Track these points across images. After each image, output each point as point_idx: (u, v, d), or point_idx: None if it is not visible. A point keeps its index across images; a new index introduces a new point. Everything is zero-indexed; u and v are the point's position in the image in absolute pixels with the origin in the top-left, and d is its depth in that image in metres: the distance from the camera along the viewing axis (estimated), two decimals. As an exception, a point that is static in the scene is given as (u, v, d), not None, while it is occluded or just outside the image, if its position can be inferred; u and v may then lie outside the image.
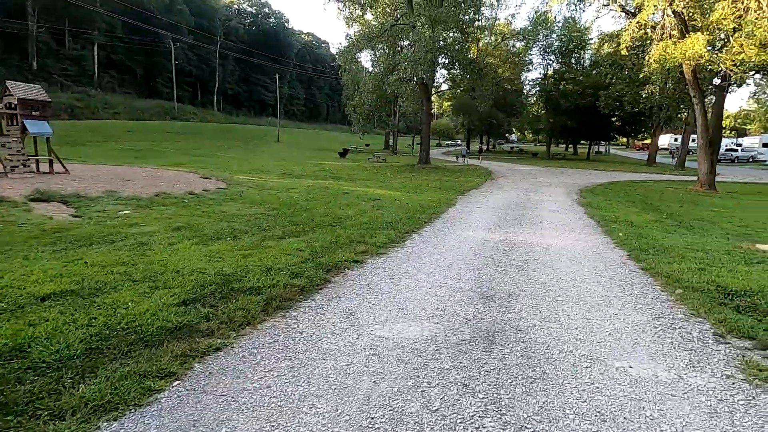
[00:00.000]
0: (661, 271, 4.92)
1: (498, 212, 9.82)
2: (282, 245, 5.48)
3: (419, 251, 5.81)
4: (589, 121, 38.39)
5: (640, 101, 36.03)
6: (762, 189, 19.38)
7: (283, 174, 18.00)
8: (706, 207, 12.89)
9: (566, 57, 40.99)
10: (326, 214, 8.41)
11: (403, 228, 7.28)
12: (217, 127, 52.82)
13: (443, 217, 8.90)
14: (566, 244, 6.58)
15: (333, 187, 13.70)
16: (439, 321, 3.36)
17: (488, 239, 6.78)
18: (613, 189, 16.60)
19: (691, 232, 8.34)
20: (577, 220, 9.10)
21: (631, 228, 8.16)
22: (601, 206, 11.39)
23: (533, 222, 8.62)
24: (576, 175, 22.91)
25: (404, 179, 18.22)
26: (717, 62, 13.66)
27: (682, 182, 21.12)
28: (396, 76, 19.93)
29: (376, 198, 11.61)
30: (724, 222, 10.27)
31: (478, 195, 13.33)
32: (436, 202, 11.18)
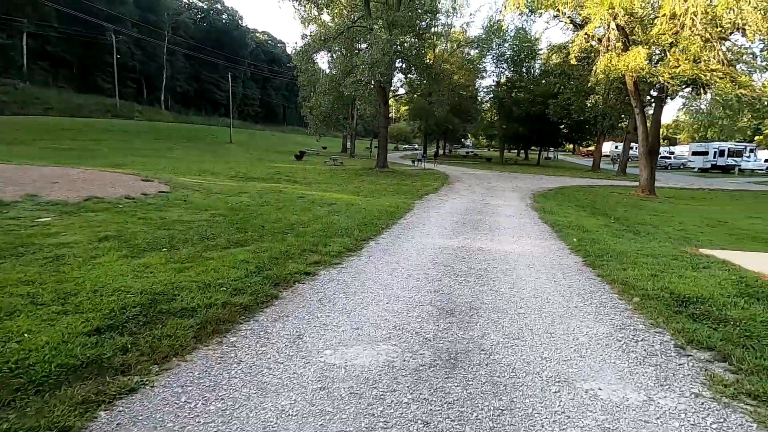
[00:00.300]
0: (617, 278, 4.92)
1: (456, 217, 9.74)
2: (225, 256, 4.98)
3: (376, 260, 5.50)
4: (540, 128, 39.95)
5: (585, 110, 38.03)
6: (694, 194, 20.86)
7: (234, 177, 17.13)
8: (648, 211, 13.56)
9: (518, 66, 42.50)
10: (278, 221, 7.92)
11: (359, 235, 6.95)
12: (165, 127, 50.02)
13: (401, 223, 8.67)
14: (524, 251, 6.53)
15: (287, 191, 13.14)
16: (397, 342, 3.05)
17: (447, 246, 6.60)
18: (564, 194, 17.17)
19: (638, 236, 8.63)
20: (533, 225, 9.18)
21: (583, 233, 8.31)
22: (554, 211, 11.65)
23: (491, 227, 8.58)
24: (528, 180, 23.61)
25: (362, 183, 17.91)
26: (656, 75, 14.48)
27: (624, 187, 22.29)
28: (353, 78, 19.61)
29: (332, 203, 11.21)
30: (666, 226, 10.79)
31: (435, 199, 13.27)
32: (394, 207, 10.95)
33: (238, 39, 77.77)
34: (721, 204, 17.47)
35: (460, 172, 27.83)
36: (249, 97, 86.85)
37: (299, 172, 21.56)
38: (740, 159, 45.33)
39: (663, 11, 12.37)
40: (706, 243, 8.85)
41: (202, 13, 76.38)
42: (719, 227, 11.43)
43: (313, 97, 24.18)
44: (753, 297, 4.29)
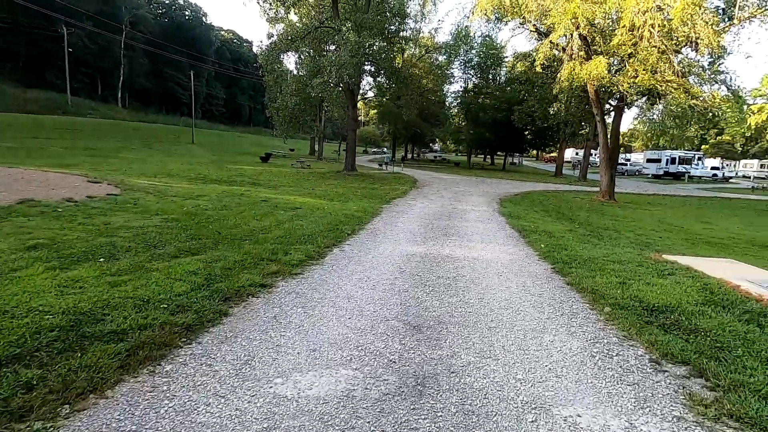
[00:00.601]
0: (587, 287, 4.82)
1: (424, 222, 9.54)
2: (172, 267, 4.50)
3: (340, 270, 5.17)
4: (505, 134, 40.79)
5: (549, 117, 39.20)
6: (650, 199, 21.75)
7: (193, 179, 16.29)
8: (610, 216, 13.92)
9: (484, 73, 43.29)
10: (237, 226, 7.43)
11: (323, 242, 6.59)
12: (121, 125, 47.56)
13: (368, 229, 8.37)
14: (493, 257, 6.38)
15: (250, 195, 12.56)
16: (359, 366, 2.74)
17: (415, 253, 6.36)
18: (529, 198, 17.42)
19: (603, 241, 8.73)
20: (501, 231, 9.12)
21: (550, 238, 8.30)
22: (521, 216, 11.70)
23: (459, 233, 8.43)
24: (495, 185, 23.91)
25: (329, 186, 17.49)
26: (616, 84, 14.94)
27: (586, 193, 22.97)
28: (320, 79, 19.18)
29: (297, 207, 10.77)
30: (627, 231, 11.04)
31: (403, 204, 13.06)
32: (361, 211, 10.64)
33: (201, 36, 75.33)
34: (675, 209, 18.27)
35: (429, 176, 27.88)
36: (214, 97, 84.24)
37: (264, 175, 20.86)
38: (689, 166, 48.06)
39: (623, 22, 12.77)
40: (665, 248, 9.07)
41: (163, 8, 73.48)
42: (676, 232, 11.84)
43: (279, 98, 23.53)
44: (719, 305, 4.28)
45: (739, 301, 4.36)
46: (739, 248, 10.15)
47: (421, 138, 53.88)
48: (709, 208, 19.72)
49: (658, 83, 14.75)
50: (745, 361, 3.10)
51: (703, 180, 46.89)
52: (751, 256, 9.37)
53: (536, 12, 16.03)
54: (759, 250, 10.12)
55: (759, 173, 58.48)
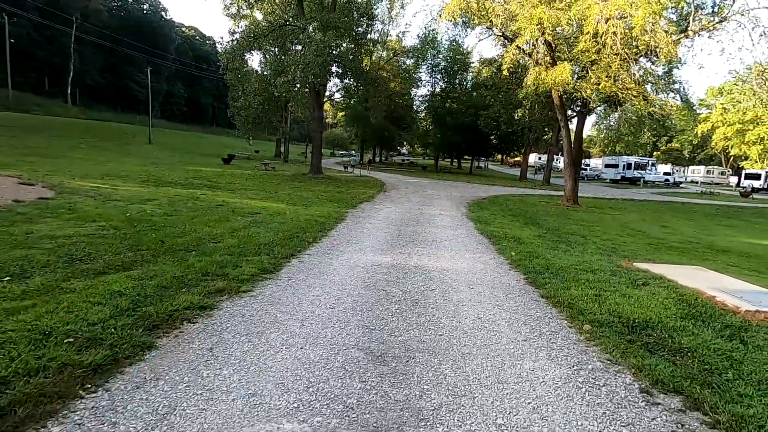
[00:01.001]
0: (563, 300, 4.52)
1: (391, 228, 9.11)
2: (94, 286, 3.83)
3: (297, 285, 4.63)
4: (472, 138, 41.23)
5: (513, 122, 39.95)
6: (611, 204, 22.30)
7: (145, 181, 15.17)
8: (575, 221, 14.01)
9: (451, 77, 43.65)
10: (184, 234, 6.72)
11: (281, 251, 6.02)
12: (70, 123, 44.57)
13: (331, 236, 7.84)
14: (463, 267, 6.02)
15: (206, 199, 11.73)
16: (307, 416, 2.24)
17: (380, 263, 5.90)
18: (496, 203, 17.38)
19: (572, 248, 8.59)
20: (470, 237, 8.82)
21: (520, 245, 8.07)
22: (489, 221, 11.50)
23: (427, 240, 8.05)
24: (462, 189, 23.89)
25: (293, 190, 16.78)
26: (580, 90, 15.14)
27: (550, 197, 23.34)
28: (284, 78, 18.44)
29: (256, 212, 10.09)
30: (593, 236, 11.05)
31: (370, 208, 12.60)
32: (325, 216, 10.09)
33: (161, 32, 72.11)
34: (635, 213, 18.77)
35: (396, 179, 27.59)
36: (174, 96, 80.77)
37: (224, 177, 19.86)
38: (644, 172, 50.35)
39: (587, 29, 12.91)
40: (631, 253, 9.07)
41: (118, 0, 69.84)
42: (639, 236, 12.00)
43: (242, 97, 22.55)
44: (698, 319, 4.06)
45: (717, 315, 4.17)
46: (699, 253, 10.35)
47: (389, 141, 53.76)
48: (665, 213, 20.42)
49: (619, 90, 15.07)
50: (738, 387, 2.84)
51: (656, 185, 49.17)
52: (711, 261, 9.55)
53: (503, 16, 16.06)
54: (718, 255, 10.35)
55: (705, 178, 62.14)
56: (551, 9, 14.09)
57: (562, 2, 14.83)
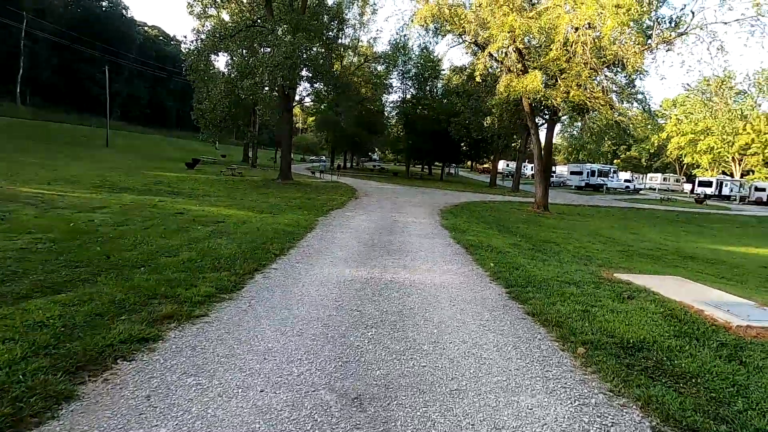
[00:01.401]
0: (550, 318, 4.21)
1: (364, 237, 8.67)
2: (10, 316, 3.18)
3: (260, 307, 4.11)
4: (443, 145, 41.46)
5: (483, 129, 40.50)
6: (579, 210, 22.76)
7: (98, 187, 14.08)
8: (548, 228, 14.02)
9: (422, 84, 43.84)
10: (135, 247, 6.04)
11: (244, 266, 5.46)
12: (19, 124, 41.76)
13: (301, 246, 7.32)
14: (442, 281, 5.65)
15: (164, 206, 10.91)
16: (265, 494, 1.76)
17: (354, 278, 5.45)
18: (469, 209, 17.27)
19: (549, 257, 8.42)
20: (446, 246, 8.50)
21: (498, 255, 7.82)
22: (464, 229, 11.26)
23: (402, 250, 7.66)
24: (434, 195, 23.77)
25: (260, 196, 16.05)
26: (549, 98, 15.27)
27: (520, 203, 23.57)
28: (251, 80, 17.72)
29: (220, 221, 9.42)
30: (566, 244, 11.00)
31: (341, 216, 12.11)
32: (294, 225, 9.54)
33: (120, 31, 69.02)
34: (603, 220, 19.16)
35: (368, 185, 27.19)
36: (136, 97, 77.28)
37: (187, 183, 18.85)
38: (607, 179, 52.20)
39: (557, 38, 13.01)
40: (605, 261, 9.01)
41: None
42: (610, 244, 12.07)
43: (206, 99, 21.59)
44: (692, 337, 3.84)
45: (710, 332, 3.97)
46: (669, 260, 10.47)
47: (360, 147, 53.39)
48: (631, 219, 20.99)
49: (587, 99, 15.33)
50: (752, 419, 2.57)
51: (617, 191, 51.03)
52: (681, 268, 9.65)
53: (474, 23, 16.04)
54: (686, 261, 10.50)
55: (662, 185, 65.23)
56: (522, 17, 14.17)
57: (532, 11, 14.98)
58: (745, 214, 29.46)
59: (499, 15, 14.71)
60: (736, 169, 66.09)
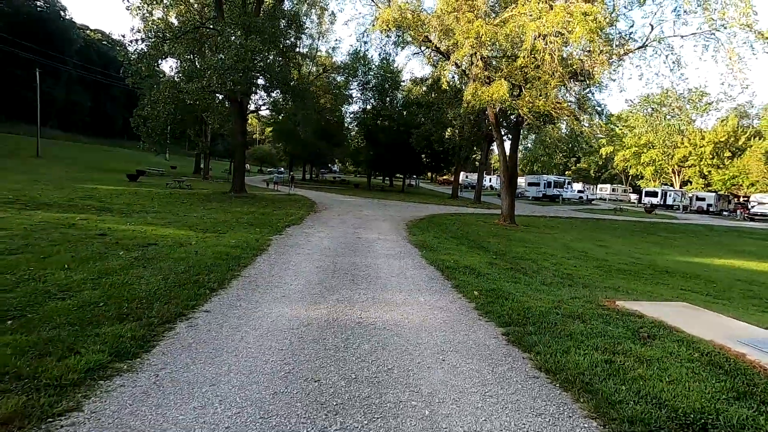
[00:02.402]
0: (571, 377, 3.22)
1: (324, 261, 7.46)
2: None
3: (169, 386, 2.81)
4: (404, 157, 40.95)
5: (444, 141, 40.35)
6: (543, 222, 22.52)
7: (9, 203, 11.94)
8: (518, 242, 13.37)
9: (382, 95, 43.32)
10: (18, 286, 4.53)
11: (164, 310, 4.12)
12: (-70, 131, 37.06)
13: (247, 276, 6.01)
14: (422, 320, 4.56)
15: (85, 226, 9.17)
16: None
17: (311, 321, 4.24)
18: (435, 223, 16.42)
19: (532, 279, 7.58)
20: (418, 269, 7.45)
21: (478, 278, 6.87)
22: (434, 246, 10.30)
23: (370, 276, 6.52)
24: (398, 208, 22.84)
25: (207, 212, 14.40)
26: (516, 107, 14.82)
27: (485, 216, 23.12)
28: (198, 84, 16.09)
29: (151, 242, 7.89)
30: (543, 261, 10.29)
31: (299, 234, 10.81)
32: (242, 246, 8.18)
33: (59, 33, 64.09)
34: (569, 232, 18.92)
35: (328, 198, 25.89)
36: (76, 104, 71.82)
37: (124, 197, 16.79)
38: (562, 190, 53.73)
39: (525, 45, 12.54)
40: (587, 281, 8.32)
41: (5, -6, 60.92)
42: (584, 259, 11.51)
43: (147, 105, 19.61)
44: (758, 400, 2.96)
45: (772, 389, 3.11)
46: (647, 276, 9.98)
47: (319, 158, 51.95)
48: (594, 230, 21.01)
49: (553, 109, 15.02)
50: None
51: (572, 202, 52.57)
52: (664, 285, 9.16)
53: (439, 29, 15.40)
54: (665, 277, 10.06)
55: (611, 195, 68.28)
56: (488, 24, 13.65)
57: (497, 19, 14.53)
58: (693, 223, 30.75)
59: (463, 21, 14.13)
60: (676, 180, 70.44)
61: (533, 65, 12.67)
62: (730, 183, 62.09)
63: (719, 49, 14.08)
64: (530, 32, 12.51)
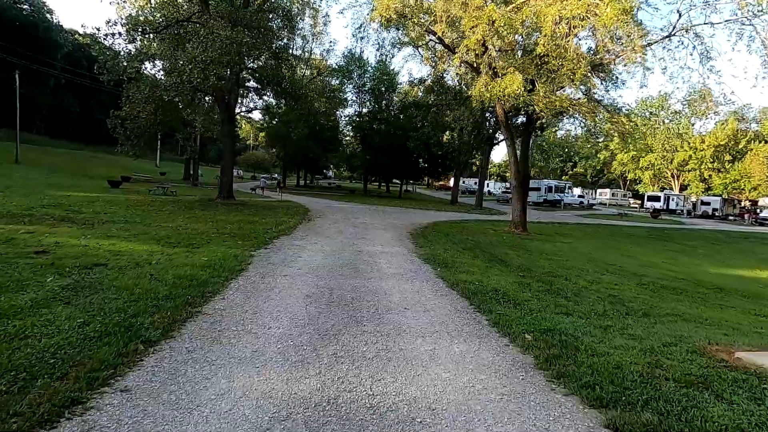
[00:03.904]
0: None
1: (317, 286, 5.84)
2: None
3: None
4: (401, 161, 39.45)
5: (443, 144, 38.84)
6: (556, 229, 20.94)
7: (-52, 213, 10.23)
8: (538, 254, 11.81)
9: (378, 98, 41.88)
10: None
11: (42, 399, 2.48)
12: None
13: (208, 315, 4.37)
14: (465, 396, 2.94)
15: (25, 241, 7.48)
16: None
17: (294, 406, 2.62)
18: (441, 232, 14.82)
19: (577, 304, 6.00)
20: (440, 297, 5.83)
21: (516, 309, 5.28)
22: (448, 261, 8.70)
23: (378, 310, 4.89)
24: (397, 215, 21.25)
25: (186, 221, 12.72)
26: (531, 103, 13.32)
27: (492, 222, 21.58)
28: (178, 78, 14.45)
29: (99, 263, 6.24)
30: (576, 278, 8.72)
31: (288, 247, 9.17)
32: (215, 266, 6.54)
33: (45, 37, 62.21)
34: (585, 240, 17.40)
35: (323, 204, 24.24)
36: (63, 110, 69.79)
37: (96, 206, 15.05)
38: (563, 195, 52.42)
39: (544, 32, 11.06)
40: (640, 303, 6.77)
41: (-11, -3, 59.06)
42: (620, 274, 9.90)
43: (126, 104, 17.96)
44: None
45: None
46: (701, 295, 8.44)
47: (313, 163, 50.24)
48: (608, 237, 19.54)
49: (570, 105, 13.58)
50: None
51: (573, 207, 51.26)
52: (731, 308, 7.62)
53: (444, 19, 13.90)
54: (721, 297, 8.53)
55: (611, 200, 67.09)
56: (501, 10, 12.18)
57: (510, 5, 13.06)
58: (706, 228, 29.43)
59: (471, 8, 12.65)
60: (675, 185, 69.45)
61: (555, 53, 11.16)
62: (731, 187, 61.13)
63: (755, 38, 12.72)
64: (550, 16, 11.05)
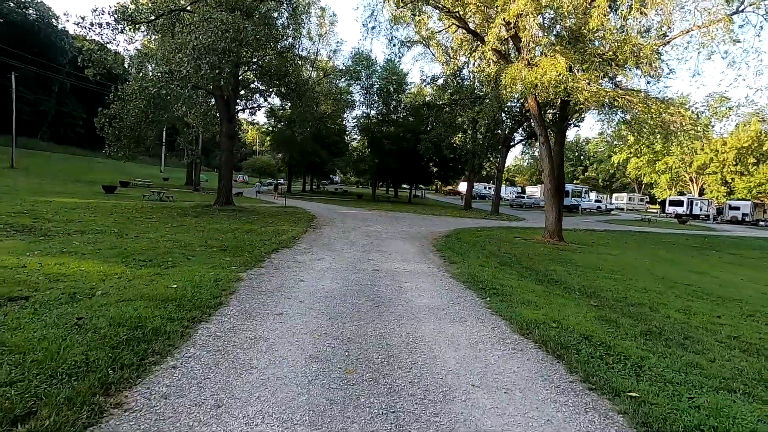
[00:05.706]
0: None
1: (325, 336, 3.93)
2: None
3: None
4: (411, 165, 37.56)
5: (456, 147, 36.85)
6: (592, 238, 18.78)
7: None
8: (590, 270, 9.77)
9: (387, 99, 40.09)
10: None
11: None
12: None
13: (135, 412, 2.47)
14: None
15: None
16: None
17: None
18: (466, 242, 12.86)
19: (692, 353, 4.04)
20: (511, 356, 3.89)
21: (631, 373, 3.33)
22: (494, 285, 6.72)
23: (426, 394, 2.97)
24: (411, 221, 19.31)
25: (175, 230, 10.90)
26: (574, 92, 11.35)
27: (516, 229, 19.58)
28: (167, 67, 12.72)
29: (23, 294, 4.43)
30: (660, 305, 6.72)
31: (287, 265, 7.28)
32: (184, 297, 4.68)
33: (50, 42, 61.51)
34: (626, 250, 15.27)
35: (330, 210, 22.37)
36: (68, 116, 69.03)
37: (75, 213, 13.32)
38: (580, 199, 50.10)
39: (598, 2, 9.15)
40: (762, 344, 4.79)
41: (-7, 2, 58.44)
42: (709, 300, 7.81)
43: (114, 102, 16.33)
44: None
45: None
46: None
47: (320, 168, 48.49)
48: (646, 245, 17.40)
49: (618, 95, 11.62)
50: None
51: (591, 212, 48.92)
52: None
53: None
54: None
55: (628, 204, 64.38)
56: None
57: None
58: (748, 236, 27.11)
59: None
60: (693, 188, 66.65)
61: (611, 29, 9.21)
62: (756, 190, 58.28)
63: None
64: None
